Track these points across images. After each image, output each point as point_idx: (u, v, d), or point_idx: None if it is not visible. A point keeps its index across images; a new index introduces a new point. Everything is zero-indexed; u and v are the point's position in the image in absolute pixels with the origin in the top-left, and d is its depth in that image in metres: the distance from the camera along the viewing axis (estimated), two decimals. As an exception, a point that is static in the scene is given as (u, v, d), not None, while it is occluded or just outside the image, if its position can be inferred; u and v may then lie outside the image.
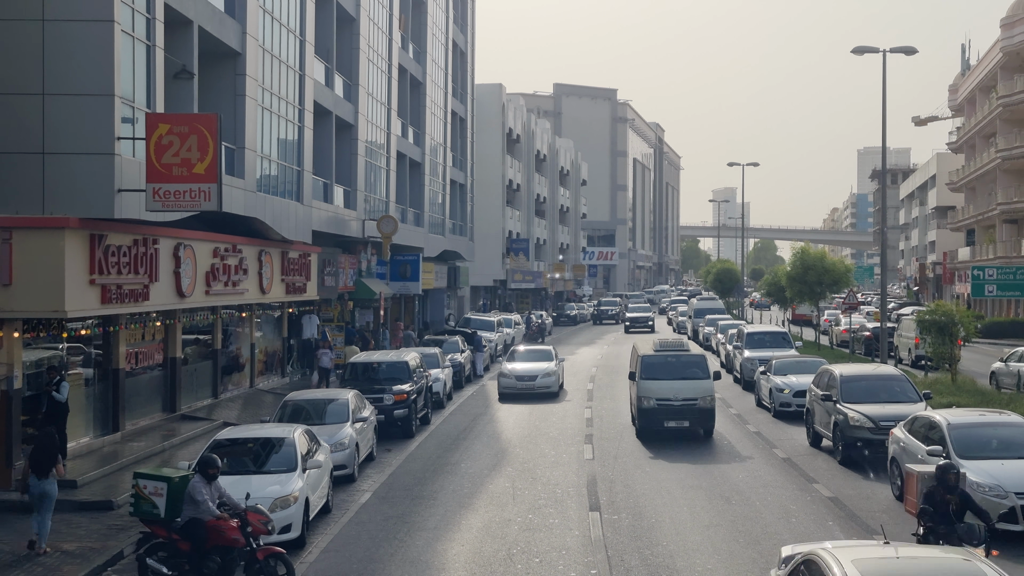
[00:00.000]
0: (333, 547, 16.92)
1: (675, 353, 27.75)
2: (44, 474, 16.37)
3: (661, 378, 26.59)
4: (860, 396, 23.61)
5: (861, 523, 17.89)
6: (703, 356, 28.08)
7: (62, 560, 15.71)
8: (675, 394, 26.13)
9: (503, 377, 35.90)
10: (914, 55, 35.35)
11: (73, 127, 20.35)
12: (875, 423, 22.42)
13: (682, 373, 26.88)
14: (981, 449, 17.86)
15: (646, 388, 26.45)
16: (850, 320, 52.15)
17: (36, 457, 16.53)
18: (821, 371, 26.20)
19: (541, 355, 38.00)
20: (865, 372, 26.14)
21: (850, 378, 24.48)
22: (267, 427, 19.89)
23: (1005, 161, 73.17)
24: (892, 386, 24.40)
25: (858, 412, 22.79)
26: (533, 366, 36.36)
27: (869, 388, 24.18)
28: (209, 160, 20.79)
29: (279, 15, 32.17)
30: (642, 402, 26.41)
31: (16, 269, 19.25)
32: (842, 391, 23.77)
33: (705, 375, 26.92)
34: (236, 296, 29.40)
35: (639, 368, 27.04)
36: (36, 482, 16.35)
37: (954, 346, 31.58)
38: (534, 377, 35.45)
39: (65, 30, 20.30)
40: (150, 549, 14.38)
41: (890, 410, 22.81)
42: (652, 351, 27.75)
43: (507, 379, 35.72)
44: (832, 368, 25.63)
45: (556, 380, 36.07)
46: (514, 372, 35.96)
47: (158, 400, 27.09)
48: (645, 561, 15.74)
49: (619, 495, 20.17)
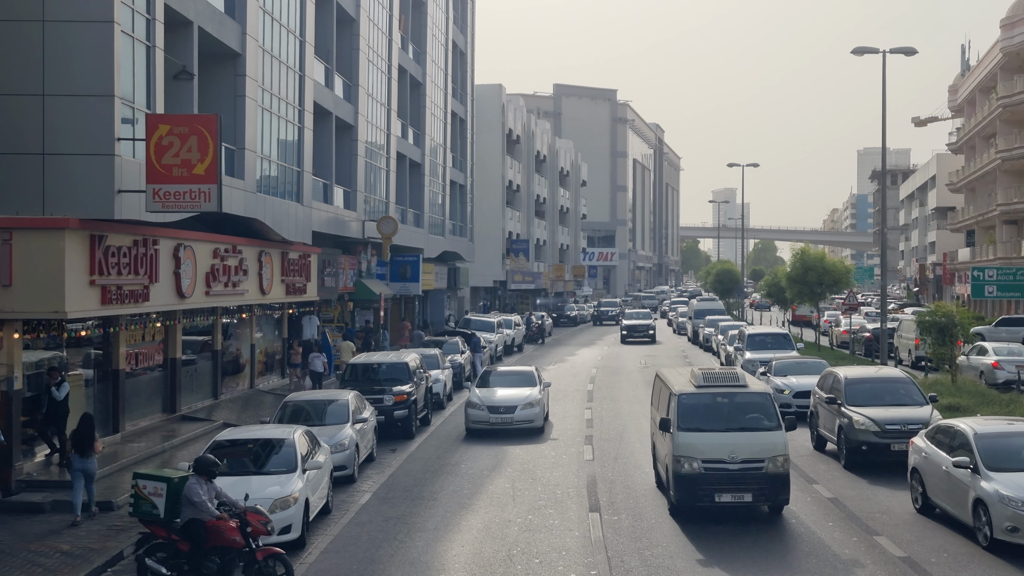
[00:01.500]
0: (333, 548, 16.92)
1: (727, 390, 19.13)
2: (85, 453, 18.24)
3: (708, 428, 18.32)
4: (865, 399, 23.14)
5: (868, 529, 17.86)
6: (767, 395, 19.13)
7: (62, 561, 15.70)
8: (731, 453, 17.90)
9: (472, 408, 27.90)
10: (914, 56, 35.37)
11: (73, 128, 20.36)
12: (880, 427, 21.99)
13: (739, 421, 18.59)
14: (1010, 460, 16.80)
15: (686, 444, 18.05)
16: (850, 321, 52.14)
17: (77, 438, 18.42)
18: (825, 374, 25.70)
19: (521, 378, 29.74)
20: (870, 375, 25.52)
21: (855, 381, 24.02)
22: (267, 428, 19.89)
23: (1005, 162, 73.14)
24: (897, 389, 23.90)
25: (863, 416, 22.32)
26: (511, 394, 28.40)
27: (874, 391, 23.68)
28: (209, 161, 20.80)
29: (279, 16, 32.18)
30: (680, 465, 17.98)
31: (16, 270, 19.24)
32: (846, 394, 23.31)
33: (773, 423, 18.47)
34: (236, 297, 29.40)
35: (674, 413, 18.53)
36: (79, 460, 18.22)
37: (954, 347, 31.58)
38: (512, 408, 27.65)
39: (65, 31, 20.30)
40: (150, 549, 14.38)
41: (896, 414, 22.41)
42: (692, 387, 19.23)
43: (477, 411, 27.82)
44: (837, 371, 25.13)
45: (540, 412, 28.13)
46: (486, 401, 27.93)
47: (158, 401, 27.09)
48: (645, 562, 15.73)
49: (619, 496, 20.16)
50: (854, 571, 15.30)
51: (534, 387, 28.91)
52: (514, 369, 31.84)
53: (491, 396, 28.26)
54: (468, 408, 28.06)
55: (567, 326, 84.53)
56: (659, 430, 19.41)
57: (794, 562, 15.77)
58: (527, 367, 31.79)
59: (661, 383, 20.80)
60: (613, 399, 35.05)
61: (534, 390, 28.66)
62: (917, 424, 21.66)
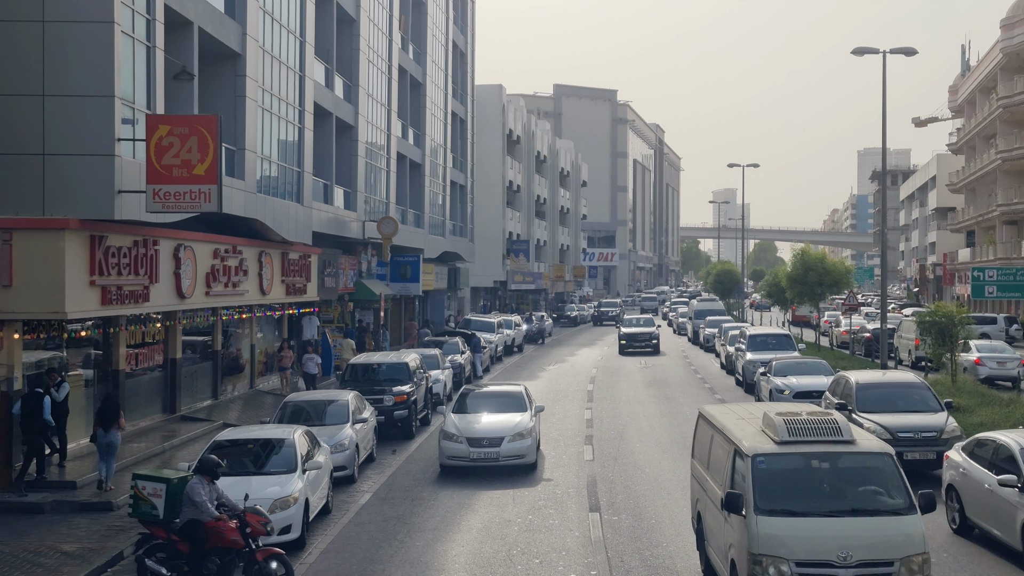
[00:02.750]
0: (333, 548, 16.92)
1: (826, 448, 12.95)
2: (109, 427, 19.73)
3: (803, 511, 12.41)
4: (877, 405, 22.20)
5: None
6: (888, 455, 12.93)
7: (62, 561, 15.70)
8: (841, 551, 11.99)
9: (447, 440, 22.52)
10: (914, 56, 35.38)
11: (73, 128, 20.35)
12: (892, 435, 20.86)
13: (849, 498, 12.71)
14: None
15: (770, 537, 12.15)
16: (850, 321, 52.18)
17: (102, 414, 19.91)
18: (837, 378, 24.77)
19: (507, 401, 24.27)
20: (882, 379, 24.35)
21: (866, 386, 22.99)
22: (267, 428, 19.89)
23: (1005, 162, 73.19)
24: (911, 394, 22.81)
25: (874, 423, 21.27)
26: (495, 422, 22.98)
27: (886, 396, 22.66)
28: (209, 161, 20.80)
29: (279, 16, 32.18)
30: (762, 569, 12.06)
31: (16, 270, 19.26)
32: (858, 399, 22.41)
33: (902, 501, 12.54)
34: (236, 297, 29.41)
35: (748, 485, 12.61)
36: (103, 434, 19.66)
37: (954, 347, 31.63)
38: (497, 440, 22.31)
39: (65, 31, 20.30)
40: (149, 550, 14.37)
41: (909, 420, 21.46)
42: (771, 443, 13.06)
43: (454, 444, 22.42)
44: (848, 375, 24.18)
45: (532, 444, 22.66)
46: (465, 432, 22.53)
47: (158, 401, 27.10)
48: (645, 562, 15.74)
49: (619, 496, 20.17)
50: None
51: (524, 412, 23.50)
52: (499, 389, 25.68)
53: (472, 425, 22.90)
54: (443, 440, 22.64)
55: (567, 326, 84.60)
56: (720, 508, 13.27)
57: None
58: (514, 386, 25.82)
59: (713, 429, 14.77)
60: (613, 399, 35.06)
61: (524, 416, 23.20)
62: (931, 431, 21.05)
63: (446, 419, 23.47)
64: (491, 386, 26.51)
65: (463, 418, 23.28)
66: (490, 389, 25.86)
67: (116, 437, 19.81)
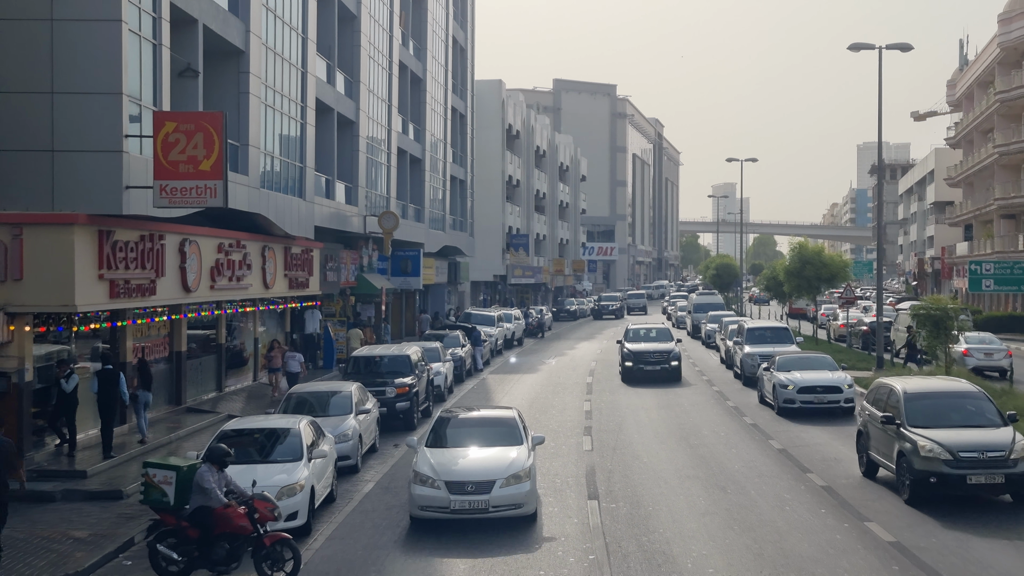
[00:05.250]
0: (338, 534, 17.34)
1: None
2: (148, 387, 23.55)
3: None
4: (929, 418, 19.34)
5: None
6: None
7: (74, 547, 16.13)
8: None
9: (420, 485, 17.28)
10: (911, 51, 35.78)
11: (82, 125, 20.79)
12: (953, 454, 18.14)
13: None
14: None
15: None
16: (847, 314, 52.64)
17: (142, 376, 23.51)
18: (878, 386, 21.76)
19: (497, 431, 19.04)
20: (933, 388, 21.13)
21: (916, 395, 20.11)
22: (273, 418, 20.30)
23: (1002, 156, 73.64)
24: (966, 405, 20.00)
25: (931, 440, 18.47)
26: (483, 459, 17.97)
27: (939, 408, 19.82)
28: (215, 157, 21.23)
29: (282, 13, 32.56)
30: None
31: (27, 264, 19.71)
32: (907, 412, 19.54)
33: None
34: (240, 291, 29.83)
35: None
36: (143, 393, 23.42)
37: (949, 338, 32.07)
38: (487, 486, 17.05)
39: (73, 30, 20.72)
40: (160, 536, 14.79)
41: (971, 437, 18.61)
42: None
43: (429, 490, 17.20)
44: (891, 383, 21.18)
45: (530, 488, 17.41)
46: (444, 474, 17.34)
47: (163, 393, 27.52)
48: (642, 547, 16.16)
49: (617, 484, 20.59)
50: None
51: (518, 445, 18.39)
52: (485, 415, 20.34)
53: (452, 464, 17.76)
54: (414, 484, 17.40)
55: (567, 320, 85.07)
56: None
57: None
58: (505, 411, 20.27)
59: None
60: (612, 391, 35.50)
61: (519, 451, 18.08)
62: (998, 451, 18.23)
63: (418, 455, 18.16)
64: (475, 411, 20.80)
65: (441, 454, 18.08)
66: (474, 415, 20.29)
67: (149, 396, 23.80)
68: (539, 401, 33.52)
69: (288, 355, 32.44)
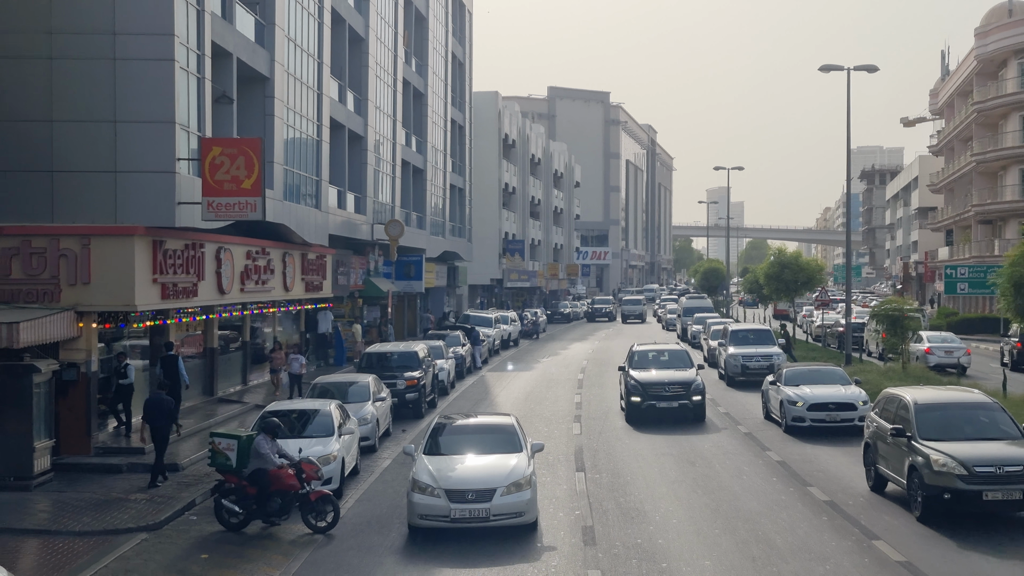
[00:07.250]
0: (365, 498, 20.63)
1: None
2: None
3: None
4: (942, 431, 18.47)
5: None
6: None
7: (148, 507, 19.37)
8: None
9: (419, 494, 17.35)
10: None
11: (140, 149, 24.03)
12: (968, 469, 17.17)
13: None
14: None
15: None
16: (822, 316, 55.95)
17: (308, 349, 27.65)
18: (886, 396, 20.96)
19: (496, 438, 19.18)
20: (945, 398, 20.28)
21: (927, 407, 19.22)
22: (306, 401, 23.61)
23: (979, 164, 76.79)
24: (980, 416, 19.15)
25: (944, 454, 17.58)
26: (482, 466, 18.09)
27: (952, 420, 18.98)
28: (255, 177, 24.49)
29: (301, 41, 35.78)
30: None
31: (94, 270, 22.82)
32: (918, 424, 18.67)
33: None
34: (264, 293, 33.01)
35: None
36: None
37: (905, 337, 35.27)
38: (487, 494, 17.17)
39: (133, 67, 23.95)
40: (223, 493, 18.08)
41: (987, 451, 17.70)
42: None
43: (428, 498, 17.31)
44: (901, 393, 20.35)
45: (529, 497, 17.45)
46: (443, 481, 17.45)
47: (199, 385, 30.72)
48: (619, 506, 19.45)
49: (601, 460, 23.89)
50: None
51: (518, 452, 18.52)
52: (483, 422, 20.31)
53: (451, 471, 17.85)
54: (413, 492, 17.45)
55: (560, 322, 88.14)
56: None
57: None
58: (503, 417, 20.41)
59: None
60: (601, 386, 38.75)
61: (519, 459, 18.22)
62: (1016, 465, 17.30)
63: (416, 463, 18.26)
64: (473, 418, 20.80)
65: (439, 462, 18.13)
66: (472, 422, 20.32)
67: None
68: (534, 394, 36.79)
69: (291, 356, 33.85)
